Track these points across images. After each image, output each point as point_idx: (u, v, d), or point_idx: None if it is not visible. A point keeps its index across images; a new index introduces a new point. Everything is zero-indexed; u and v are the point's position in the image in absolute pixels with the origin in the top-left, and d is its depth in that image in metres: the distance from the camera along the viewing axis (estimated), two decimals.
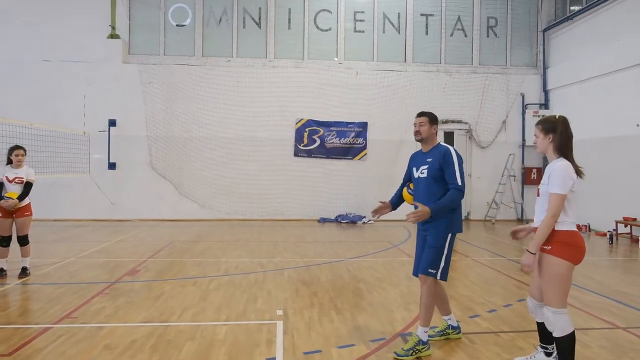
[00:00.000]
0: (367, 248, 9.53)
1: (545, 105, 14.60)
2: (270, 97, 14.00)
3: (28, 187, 6.77)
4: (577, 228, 3.43)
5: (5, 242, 6.69)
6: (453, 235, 4.13)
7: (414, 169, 4.31)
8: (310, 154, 14.16)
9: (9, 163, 6.79)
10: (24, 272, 6.77)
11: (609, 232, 10.66)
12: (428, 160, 4.16)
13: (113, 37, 13.82)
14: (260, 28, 14.32)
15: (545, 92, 14.66)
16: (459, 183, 4.02)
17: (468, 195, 13.84)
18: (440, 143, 4.27)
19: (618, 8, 11.66)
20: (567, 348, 3.37)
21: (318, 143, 14.14)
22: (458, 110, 14.48)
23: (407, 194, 4.42)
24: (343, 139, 14.21)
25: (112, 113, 13.56)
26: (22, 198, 6.65)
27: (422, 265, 4.13)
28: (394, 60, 14.57)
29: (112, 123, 13.55)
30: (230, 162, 13.92)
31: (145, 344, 4.27)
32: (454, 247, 4.21)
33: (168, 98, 13.80)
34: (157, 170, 13.77)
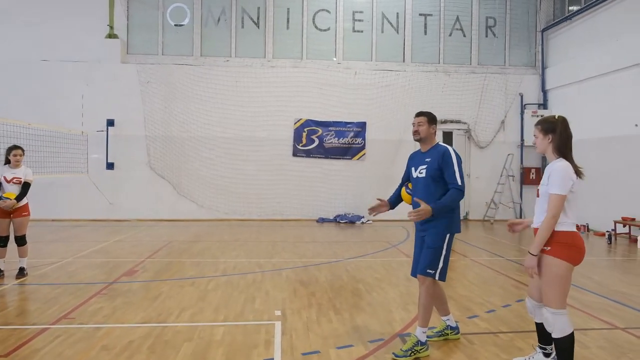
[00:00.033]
0: (365, 248, 9.52)
1: (544, 105, 14.61)
2: (269, 97, 13.98)
3: (26, 187, 6.75)
4: (576, 228, 3.43)
5: (3, 242, 6.66)
6: (451, 236, 4.13)
7: (413, 169, 4.30)
8: (309, 154, 14.15)
9: (7, 163, 6.78)
10: (22, 272, 6.75)
11: (608, 232, 10.67)
12: (427, 160, 4.16)
13: (111, 36, 13.80)
14: (259, 28, 14.30)
15: (544, 92, 14.66)
16: (459, 183, 4.01)
17: (467, 195, 13.80)
18: (439, 143, 4.27)
19: (617, 8, 11.67)
20: (566, 349, 3.36)
21: (317, 143, 14.12)
22: (457, 110, 14.48)
23: (405, 194, 4.42)
24: (342, 139, 14.20)
25: (110, 113, 13.53)
26: (20, 198, 6.63)
27: (420, 266, 4.12)
28: (393, 60, 14.57)
29: (110, 123, 13.52)
30: (229, 162, 13.90)
31: (143, 345, 4.26)
32: (453, 247, 4.21)
33: (166, 98, 13.78)
34: (155, 170, 13.75)
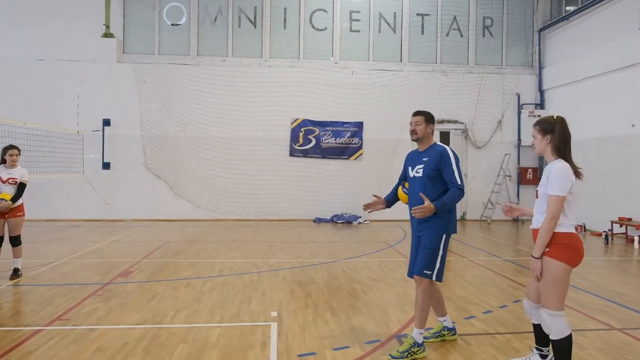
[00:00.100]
0: (362, 248, 9.49)
1: (541, 105, 14.62)
2: (266, 96, 13.94)
3: (21, 188, 6.67)
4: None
5: None
6: (448, 237, 4.11)
7: (410, 168, 4.29)
8: (306, 154, 14.12)
9: (3, 163, 6.70)
10: (16, 273, 6.69)
11: (605, 232, 10.67)
12: (424, 160, 4.14)
13: (107, 36, 13.73)
14: (256, 27, 14.25)
15: (541, 92, 14.67)
16: (459, 182, 4.01)
17: (464, 196, 13.83)
18: (437, 143, 4.25)
19: (613, 8, 11.68)
20: (564, 351, 3.34)
21: (314, 143, 14.09)
22: (454, 110, 14.47)
23: (402, 193, 4.41)
24: (339, 139, 14.17)
25: (106, 112, 13.46)
26: (15, 199, 6.55)
27: (417, 267, 4.10)
28: (390, 60, 14.54)
29: (106, 122, 13.45)
30: (226, 162, 13.86)
31: (137, 347, 4.22)
32: (449, 247, 4.18)
33: (163, 97, 13.72)
34: (151, 170, 13.69)
